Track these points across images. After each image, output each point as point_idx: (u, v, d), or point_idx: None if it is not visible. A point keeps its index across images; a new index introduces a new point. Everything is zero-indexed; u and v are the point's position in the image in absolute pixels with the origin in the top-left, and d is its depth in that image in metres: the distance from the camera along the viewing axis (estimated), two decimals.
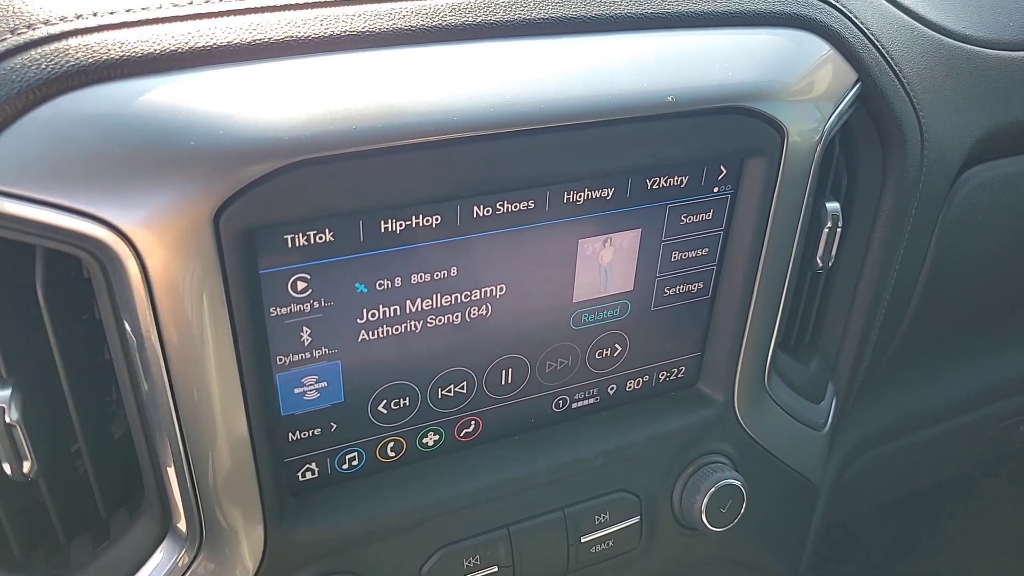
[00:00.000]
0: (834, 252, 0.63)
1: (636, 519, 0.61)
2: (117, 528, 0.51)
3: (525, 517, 0.57)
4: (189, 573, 0.49)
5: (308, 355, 0.48)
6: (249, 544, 0.50)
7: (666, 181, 0.52)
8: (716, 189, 0.55)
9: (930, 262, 0.72)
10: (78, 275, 0.45)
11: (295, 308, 0.46)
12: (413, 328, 0.50)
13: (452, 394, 0.54)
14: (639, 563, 0.64)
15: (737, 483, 0.61)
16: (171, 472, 0.47)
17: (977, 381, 0.97)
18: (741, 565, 0.72)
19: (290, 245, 0.44)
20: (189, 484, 0.47)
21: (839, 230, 0.62)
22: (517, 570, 0.57)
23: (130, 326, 0.42)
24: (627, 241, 0.53)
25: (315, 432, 0.51)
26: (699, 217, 0.55)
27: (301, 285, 0.45)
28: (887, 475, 0.99)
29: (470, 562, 0.56)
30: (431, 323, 0.50)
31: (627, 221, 0.53)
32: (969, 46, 0.70)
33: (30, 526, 0.49)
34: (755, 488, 0.63)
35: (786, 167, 0.54)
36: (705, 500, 0.61)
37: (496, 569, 0.57)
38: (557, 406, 0.59)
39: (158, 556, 0.49)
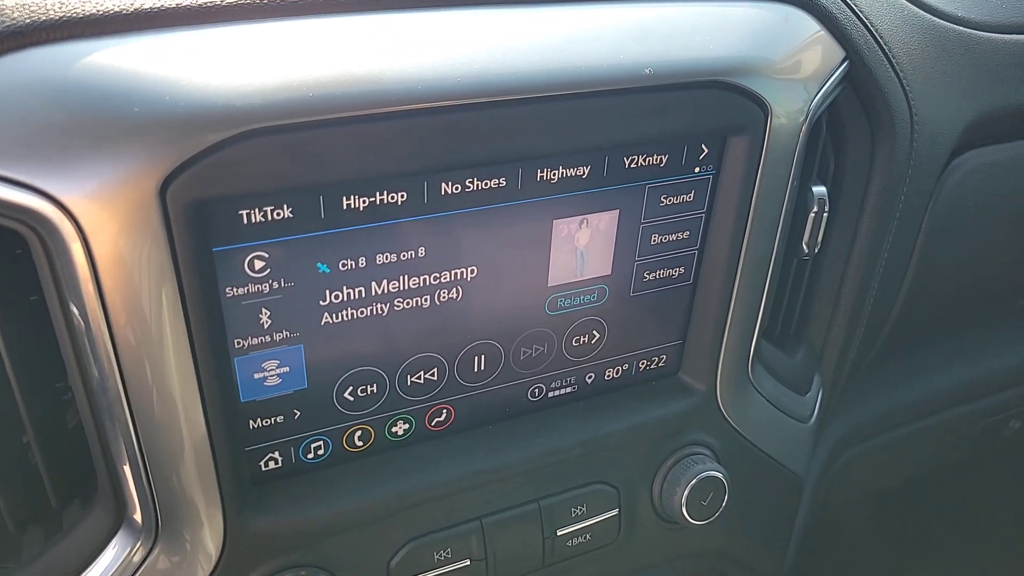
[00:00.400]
0: (820, 238, 0.61)
1: (614, 512, 0.59)
2: (70, 520, 0.49)
3: (499, 509, 0.56)
4: (145, 566, 0.47)
5: (268, 339, 0.46)
6: (208, 536, 0.48)
7: (645, 160, 0.50)
8: (697, 169, 0.52)
9: (919, 251, 0.71)
10: (25, 252, 0.43)
11: (252, 289, 0.44)
12: (380, 311, 0.48)
13: (422, 381, 0.52)
14: (617, 557, 0.62)
15: (719, 475, 0.59)
16: (124, 461, 0.45)
17: (965, 375, 0.96)
18: (724, 559, 0.71)
19: (245, 221, 0.41)
20: (143, 474, 0.45)
21: (825, 215, 0.60)
22: (490, 564, 0.55)
23: (75, 308, 0.40)
24: (604, 222, 0.51)
25: (277, 420, 0.49)
26: (680, 199, 0.53)
27: (259, 264, 0.43)
28: (874, 469, 0.98)
29: (441, 555, 0.54)
30: (398, 306, 0.48)
31: (604, 201, 0.51)
32: (960, 28, 0.68)
33: None
34: (738, 480, 0.62)
35: (770, 147, 0.52)
36: (686, 492, 0.59)
37: (468, 563, 0.55)
38: (532, 395, 0.57)
39: (112, 549, 0.47)
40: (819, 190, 0.60)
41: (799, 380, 0.69)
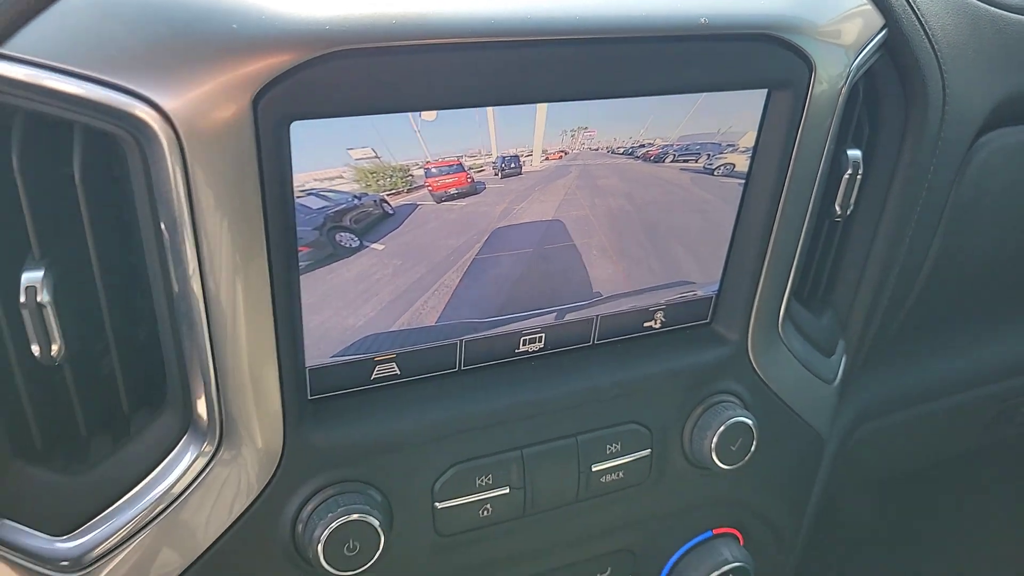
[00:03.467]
0: (852, 200, 0.63)
1: (647, 451, 0.62)
2: (138, 426, 0.52)
3: (538, 441, 0.58)
4: (207, 470, 0.50)
5: None
6: (267, 445, 0.50)
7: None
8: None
9: (944, 225, 0.73)
10: (122, 173, 0.45)
11: None
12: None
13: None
14: (646, 498, 0.65)
15: (748, 421, 0.62)
16: (196, 370, 0.47)
17: (983, 357, 0.97)
18: (746, 510, 0.73)
19: None
20: (213, 381, 0.48)
21: (859, 178, 0.62)
22: (527, 493, 0.58)
23: (163, 212, 0.43)
24: None
25: None
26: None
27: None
28: (888, 449, 0.99)
29: (482, 481, 0.57)
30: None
31: None
32: (994, 8, 0.70)
33: (52, 418, 0.50)
34: (764, 431, 0.64)
35: (811, 105, 0.55)
36: (716, 437, 0.61)
37: (508, 490, 0.57)
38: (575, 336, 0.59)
39: (177, 451, 0.50)
40: (854, 153, 0.62)
41: (825, 342, 0.71)
